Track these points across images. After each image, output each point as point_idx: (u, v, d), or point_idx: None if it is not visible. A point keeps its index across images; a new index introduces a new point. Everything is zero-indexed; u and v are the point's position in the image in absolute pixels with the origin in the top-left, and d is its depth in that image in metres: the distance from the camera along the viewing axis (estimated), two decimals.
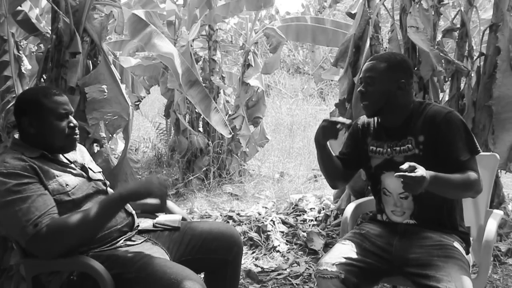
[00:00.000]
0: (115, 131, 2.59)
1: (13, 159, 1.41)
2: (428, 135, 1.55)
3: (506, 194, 3.21)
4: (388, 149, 1.63)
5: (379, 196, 1.71)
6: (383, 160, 1.65)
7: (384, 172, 1.66)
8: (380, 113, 1.64)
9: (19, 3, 2.75)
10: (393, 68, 1.59)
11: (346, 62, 3.17)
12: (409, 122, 1.61)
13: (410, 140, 1.59)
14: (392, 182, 1.64)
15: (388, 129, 1.66)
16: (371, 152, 1.69)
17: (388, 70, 1.59)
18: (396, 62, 1.61)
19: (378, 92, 1.59)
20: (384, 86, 1.58)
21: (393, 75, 1.58)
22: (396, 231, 1.63)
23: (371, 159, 1.70)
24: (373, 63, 1.62)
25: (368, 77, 1.61)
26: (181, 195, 4.55)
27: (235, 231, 1.74)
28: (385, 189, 1.66)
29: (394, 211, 1.65)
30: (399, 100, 1.60)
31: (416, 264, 1.48)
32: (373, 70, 1.60)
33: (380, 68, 1.59)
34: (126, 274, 1.41)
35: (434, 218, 1.60)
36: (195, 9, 4.38)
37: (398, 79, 1.58)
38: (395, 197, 1.64)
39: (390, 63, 1.60)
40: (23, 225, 1.32)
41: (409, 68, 1.64)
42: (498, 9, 2.76)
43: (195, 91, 3.32)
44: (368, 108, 1.63)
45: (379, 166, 1.67)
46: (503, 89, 2.67)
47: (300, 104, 9.54)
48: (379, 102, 1.60)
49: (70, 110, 1.57)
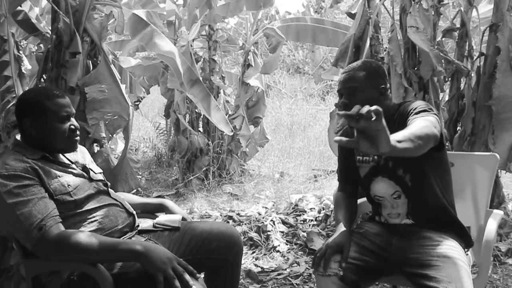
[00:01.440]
0: (115, 131, 2.59)
1: (14, 160, 1.41)
2: (398, 127, 1.52)
3: (506, 194, 3.21)
4: (375, 156, 1.63)
5: (375, 204, 1.72)
6: (370, 167, 1.66)
7: (372, 179, 1.66)
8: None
9: (19, 3, 2.76)
10: (372, 75, 1.61)
11: (346, 62, 3.16)
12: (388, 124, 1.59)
13: None
14: (381, 187, 1.65)
15: None
16: (358, 162, 1.70)
17: (368, 77, 1.60)
18: (373, 69, 1.62)
19: (363, 101, 1.54)
20: (367, 94, 1.59)
21: (373, 82, 1.60)
22: (395, 231, 1.63)
23: (359, 169, 1.71)
24: (350, 74, 1.62)
25: (349, 87, 1.60)
26: (181, 195, 4.55)
27: (235, 231, 1.74)
28: (377, 196, 1.67)
29: (390, 214, 1.66)
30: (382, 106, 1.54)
31: (415, 264, 1.48)
32: (353, 80, 1.60)
33: (360, 77, 1.60)
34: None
35: (431, 216, 1.60)
36: (195, 9, 4.38)
37: (378, 85, 1.60)
38: (389, 200, 1.65)
39: (368, 71, 1.61)
40: (27, 229, 1.32)
41: (384, 73, 1.66)
42: (498, 9, 2.76)
43: (197, 90, 3.33)
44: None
45: (367, 175, 1.68)
46: (503, 89, 2.67)
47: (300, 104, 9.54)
48: None
49: (72, 112, 1.57)
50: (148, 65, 5.47)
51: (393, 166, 1.60)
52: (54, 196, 1.42)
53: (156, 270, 1.28)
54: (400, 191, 1.61)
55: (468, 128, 2.87)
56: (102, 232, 1.49)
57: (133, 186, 2.70)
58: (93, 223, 1.50)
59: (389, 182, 1.62)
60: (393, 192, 1.62)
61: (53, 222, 1.35)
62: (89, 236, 1.36)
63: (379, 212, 1.71)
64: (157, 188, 4.80)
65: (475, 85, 2.93)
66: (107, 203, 1.58)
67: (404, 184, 1.60)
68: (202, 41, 5.33)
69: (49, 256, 1.36)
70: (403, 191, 1.61)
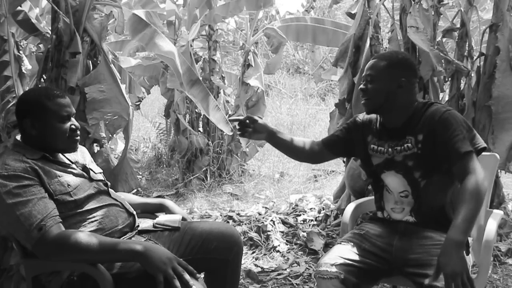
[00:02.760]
0: (115, 131, 2.59)
1: (14, 161, 1.41)
2: (426, 134, 1.55)
3: (506, 194, 3.21)
4: (389, 149, 1.63)
5: (380, 193, 1.71)
6: (384, 159, 1.65)
7: (384, 171, 1.66)
8: (380, 111, 1.64)
9: (19, 3, 2.76)
10: (393, 66, 1.60)
11: (346, 62, 3.17)
12: (410, 122, 1.61)
13: (409, 139, 1.58)
14: (392, 181, 1.64)
15: (389, 130, 1.66)
16: (372, 150, 1.69)
17: (387, 68, 1.59)
18: (396, 60, 1.61)
19: (378, 90, 1.60)
20: (384, 84, 1.59)
21: (392, 73, 1.58)
22: (396, 231, 1.63)
23: (371, 157, 1.70)
24: (374, 61, 1.64)
25: (368, 75, 1.62)
26: (181, 195, 4.55)
27: (235, 231, 1.74)
28: (387, 187, 1.67)
29: (394, 208, 1.66)
30: (399, 98, 1.59)
31: (416, 264, 1.48)
32: (373, 68, 1.62)
33: (379, 66, 1.60)
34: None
35: (433, 215, 1.60)
36: (195, 9, 4.38)
37: (398, 77, 1.58)
38: (395, 196, 1.65)
39: (390, 61, 1.60)
40: (27, 229, 1.32)
41: (410, 67, 1.63)
42: (498, 9, 2.76)
43: (196, 90, 3.33)
44: (368, 105, 1.64)
45: (380, 165, 1.67)
46: (502, 89, 2.67)
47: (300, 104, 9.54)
48: (378, 100, 1.60)
49: (72, 112, 1.57)
50: (148, 65, 5.47)
51: (412, 167, 1.58)
52: (54, 196, 1.42)
53: (156, 270, 1.28)
54: (409, 192, 1.61)
55: None
56: (102, 232, 1.49)
57: (133, 186, 2.70)
58: (93, 223, 1.49)
59: (402, 180, 1.61)
60: (402, 190, 1.62)
61: (53, 222, 1.35)
62: (89, 236, 1.36)
63: (381, 206, 1.70)
64: (157, 188, 4.80)
65: (475, 85, 2.93)
66: (107, 203, 1.58)
67: (416, 187, 1.59)
68: (202, 41, 5.34)
69: (49, 256, 1.36)
70: (412, 192, 1.60)
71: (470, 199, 1.39)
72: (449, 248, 1.32)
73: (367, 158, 1.72)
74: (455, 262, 1.29)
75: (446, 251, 1.32)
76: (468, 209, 1.37)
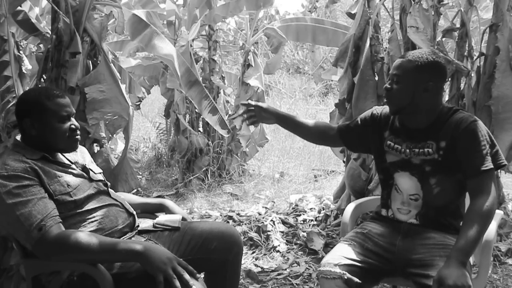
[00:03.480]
0: (115, 131, 2.59)
1: (14, 161, 1.41)
2: (450, 142, 1.52)
3: (506, 194, 3.21)
4: (407, 149, 1.60)
5: (388, 191, 1.68)
6: (400, 159, 1.62)
7: (398, 170, 1.63)
8: (403, 112, 1.60)
9: (19, 3, 2.76)
10: (421, 69, 1.52)
11: (346, 62, 3.17)
12: (433, 126, 1.57)
13: (430, 144, 1.55)
14: (405, 182, 1.62)
15: (409, 130, 1.62)
16: (388, 147, 1.65)
17: (415, 70, 1.52)
18: (425, 63, 1.53)
19: (402, 91, 1.54)
20: (409, 86, 1.53)
21: (420, 76, 1.52)
22: (399, 231, 1.62)
23: (386, 153, 1.66)
24: (402, 61, 1.56)
25: (394, 74, 1.56)
26: (181, 195, 4.55)
27: (235, 231, 1.74)
28: (397, 186, 1.65)
29: (400, 209, 1.64)
30: (424, 102, 1.54)
31: (419, 265, 1.48)
32: (400, 69, 1.55)
33: (407, 68, 1.53)
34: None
35: (438, 219, 1.59)
36: (195, 9, 4.38)
37: (425, 80, 1.52)
38: (404, 197, 1.63)
39: (419, 63, 1.52)
40: (27, 229, 1.32)
41: (439, 71, 1.56)
42: (498, 9, 2.76)
43: (195, 92, 3.34)
44: (391, 105, 1.60)
45: (395, 163, 1.64)
46: (502, 89, 2.67)
47: (300, 104, 9.54)
48: (401, 102, 1.56)
49: (72, 112, 1.57)
50: (148, 65, 5.47)
51: (429, 172, 1.56)
52: (54, 197, 1.42)
53: (156, 270, 1.28)
54: (419, 196, 1.59)
55: None
56: (102, 232, 1.49)
57: (133, 186, 2.70)
58: (93, 223, 1.50)
59: (417, 183, 1.59)
60: (413, 193, 1.60)
61: (53, 222, 1.35)
62: (89, 236, 1.36)
63: (388, 204, 1.68)
64: (157, 188, 4.80)
65: (475, 85, 2.92)
66: (107, 203, 1.58)
67: (428, 192, 1.58)
68: (202, 41, 5.33)
69: (49, 256, 1.36)
70: (424, 197, 1.59)
71: (479, 221, 1.40)
72: (451, 264, 1.33)
73: (382, 154, 1.68)
74: (457, 275, 1.30)
75: (448, 265, 1.34)
76: (476, 231, 1.38)
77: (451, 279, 1.29)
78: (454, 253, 1.36)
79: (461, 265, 1.33)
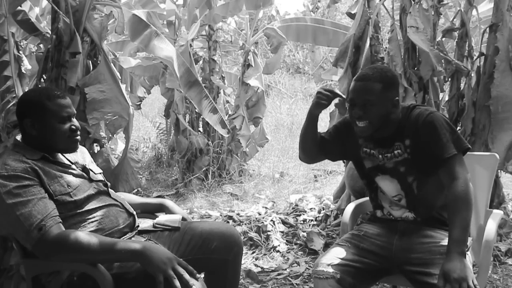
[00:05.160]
0: (115, 131, 2.60)
1: (14, 161, 1.41)
2: (413, 138, 1.56)
3: (506, 194, 3.21)
4: (379, 155, 1.64)
5: (375, 193, 1.72)
6: (376, 164, 1.67)
7: (379, 174, 1.67)
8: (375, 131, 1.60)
9: (19, 3, 2.76)
10: (388, 87, 1.54)
11: (346, 62, 3.17)
12: (397, 129, 1.60)
13: (398, 145, 1.59)
14: (386, 185, 1.66)
15: (378, 139, 1.64)
16: (364, 153, 1.69)
17: (384, 90, 1.53)
18: (389, 80, 1.55)
19: (378, 114, 1.53)
20: (382, 108, 1.53)
21: (388, 95, 1.54)
22: (396, 230, 1.63)
23: (363, 160, 1.70)
24: (367, 84, 1.53)
25: (364, 99, 1.53)
26: (181, 195, 4.55)
27: (235, 231, 1.75)
28: (380, 188, 1.69)
29: (391, 206, 1.68)
30: (393, 116, 1.57)
31: (418, 263, 1.49)
32: (369, 93, 1.52)
33: (376, 90, 1.52)
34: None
35: (430, 214, 1.61)
36: (195, 9, 4.38)
37: (392, 97, 1.55)
38: (389, 198, 1.67)
39: (384, 82, 1.53)
40: (27, 229, 1.32)
41: (397, 83, 1.62)
42: (498, 9, 2.76)
43: (194, 92, 3.34)
44: (366, 130, 1.57)
45: (372, 168, 1.68)
46: (501, 89, 2.67)
47: (300, 104, 9.54)
48: (377, 124, 1.55)
49: (73, 113, 1.57)
50: (148, 65, 5.47)
51: (405, 172, 1.60)
52: (54, 197, 1.42)
53: (156, 270, 1.28)
54: (402, 195, 1.63)
55: (468, 128, 2.87)
56: (102, 232, 1.49)
57: (134, 186, 2.70)
58: (93, 223, 1.50)
59: (396, 184, 1.63)
60: (395, 194, 1.64)
61: (53, 223, 1.35)
62: (89, 236, 1.36)
63: (379, 204, 1.71)
64: (157, 188, 4.80)
65: (475, 85, 2.93)
66: (107, 203, 1.58)
67: (409, 191, 1.61)
68: (202, 41, 5.33)
69: (49, 256, 1.36)
70: (406, 195, 1.62)
71: (461, 207, 1.43)
72: (452, 258, 1.35)
73: (359, 160, 1.72)
74: (461, 268, 1.32)
75: (450, 259, 1.35)
76: (462, 218, 1.41)
77: (456, 272, 1.31)
78: (451, 246, 1.38)
79: (461, 256, 1.35)
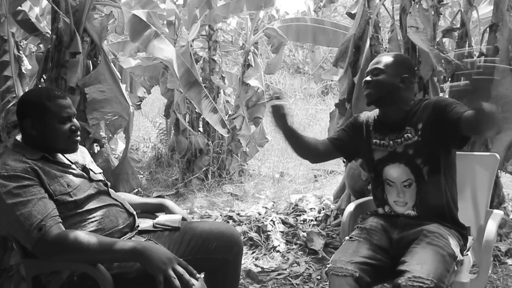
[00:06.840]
0: (115, 131, 2.60)
1: (14, 161, 1.41)
2: (426, 121, 1.63)
3: (506, 194, 3.21)
4: (390, 141, 1.69)
5: (382, 188, 1.73)
6: (387, 153, 1.70)
7: (388, 163, 1.69)
8: (380, 103, 1.72)
9: (19, 3, 2.76)
10: (398, 63, 1.71)
11: (346, 62, 3.17)
12: (408, 115, 1.69)
13: (409, 130, 1.66)
14: (394, 172, 1.67)
15: (389, 124, 1.72)
16: (374, 145, 1.74)
17: (393, 64, 1.70)
18: (401, 59, 1.75)
19: (383, 82, 1.68)
20: (389, 77, 1.67)
21: (397, 69, 1.69)
22: (396, 225, 1.64)
23: (373, 152, 1.74)
24: (380, 57, 1.76)
25: (375, 68, 1.71)
26: (181, 195, 4.55)
27: (235, 231, 1.75)
28: (388, 180, 1.70)
29: (396, 201, 1.68)
30: (400, 93, 1.68)
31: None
32: (380, 63, 1.71)
33: (387, 61, 1.71)
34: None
35: (434, 208, 1.62)
36: (195, 9, 4.38)
37: (401, 73, 1.68)
38: (398, 186, 1.66)
39: (396, 58, 1.72)
40: (27, 229, 1.32)
41: (412, 67, 1.79)
42: (498, 9, 2.76)
43: (194, 92, 3.35)
44: (371, 95, 1.71)
45: (383, 159, 1.71)
46: (501, 89, 2.67)
47: (300, 104, 9.54)
48: (381, 91, 1.68)
49: (73, 113, 1.57)
50: (148, 66, 5.47)
51: (413, 154, 1.63)
52: (54, 197, 1.42)
53: (156, 270, 1.28)
54: (412, 180, 1.64)
55: None
56: (102, 232, 1.49)
57: (134, 186, 2.70)
58: (93, 223, 1.50)
59: (405, 168, 1.65)
60: (405, 179, 1.65)
61: (53, 222, 1.35)
62: (89, 236, 1.36)
63: (384, 200, 1.72)
64: (157, 188, 4.80)
65: None
66: (107, 203, 1.58)
67: (419, 174, 1.63)
68: (202, 41, 5.33)
69: (49, 256, 1.36)
70: (416, 180, 1.64)
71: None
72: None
73: (370, 153, 1.75)
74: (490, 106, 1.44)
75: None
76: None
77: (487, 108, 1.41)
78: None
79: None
